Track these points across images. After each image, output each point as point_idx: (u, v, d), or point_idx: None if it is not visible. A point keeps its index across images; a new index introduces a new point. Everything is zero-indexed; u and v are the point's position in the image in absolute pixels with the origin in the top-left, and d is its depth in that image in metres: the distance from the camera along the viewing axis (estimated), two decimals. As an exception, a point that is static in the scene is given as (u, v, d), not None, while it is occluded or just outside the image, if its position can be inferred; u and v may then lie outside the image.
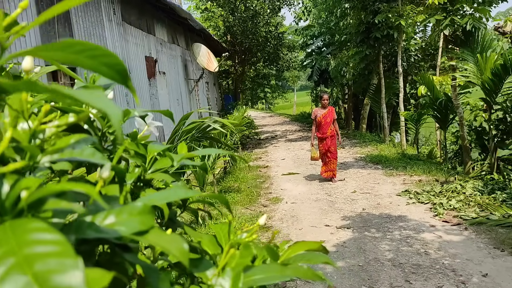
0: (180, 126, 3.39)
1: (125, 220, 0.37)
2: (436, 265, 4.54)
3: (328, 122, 8.35)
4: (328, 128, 8.36)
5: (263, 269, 0.54)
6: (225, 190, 8.59)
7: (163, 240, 0.37)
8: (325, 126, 8.36)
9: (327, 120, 8.36)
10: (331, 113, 8.42)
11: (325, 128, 8.38)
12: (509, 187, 6.73)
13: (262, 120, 26.26)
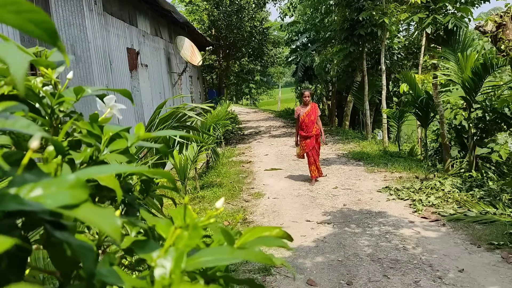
0: (156, 115, 3.34)
1: (53, 193, 0.34)
2: (413, 261, 4.59)
3: (312, 121, 7.94)
4: (313, 127, 7.96)
5: (212, 251, 0.52)
6: (208, 185, 8.54)
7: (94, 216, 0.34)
8: (309, 125, 7.95)
9: (311, 118, 7.94)
10: (314, 110, 7.99)
11: (310, 127, 7.96)
12: (487, 184, 6.84)
13: (247, 116, 26.20)
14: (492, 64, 6.80)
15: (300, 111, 8.04)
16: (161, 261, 0.46)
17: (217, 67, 20.10)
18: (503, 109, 8.79)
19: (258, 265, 4.71)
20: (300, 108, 8.10)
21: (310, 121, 7.93)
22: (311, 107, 7.95)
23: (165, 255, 0.47)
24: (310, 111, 7.92)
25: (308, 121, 7.93)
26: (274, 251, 5.14)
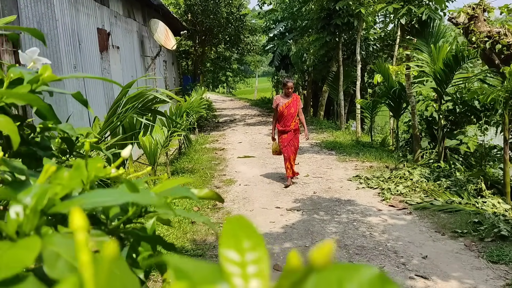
0: (122, 95, 3.23)
1: None
2: (379, 247, 4.64)
3: (291, 114, 7.02)
4: (292, 121, 7.07)
5: (98, 193, 0.45)
6: (179, 171, 8.44)
7: None
8: (288, 118, 7.05)
9: (291, 110, 7.01)
10: (296, 102, 7.06)
11: (289, 120, 7.08)
12: (454, 175, 6.98)
13: (222, 104, 26.04)
14: (463, 56, 6.91)
15: (279, 101, 7.13)
16: (22, 198, 0.40)
17: (192, 53, 19.83)
18: (473, 102, 8.96)
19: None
20: (279, 98, 7.19)
21: (289, 114, 7.03)
22: (293, 99, 7.06)
23: (27, 193, 0.41)
24: (290, 103, 7.02)
25: (287, 113, 7.02)
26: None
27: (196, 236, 5.12)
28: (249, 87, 46.86)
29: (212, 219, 5.73)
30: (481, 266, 4.10)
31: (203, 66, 22.58)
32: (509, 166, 6.09)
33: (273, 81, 24.69)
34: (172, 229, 5.22)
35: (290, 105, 7.04)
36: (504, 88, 5.51)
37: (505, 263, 4.11)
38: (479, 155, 9.12)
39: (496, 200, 5.76)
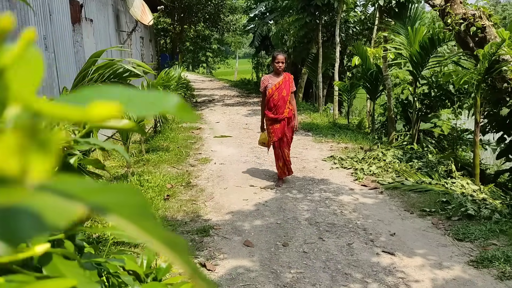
0: (89, 65, 3.12)
1: None
2: (349, 225, 4.69)
3: (283, 97, 5.79)
4: (285, 106, 5.82)
5: None
6: (154, 149, 8.34)
7: None
8: (280, 103, 5.81)
9: (282, 93, 5.77)
10: (288, 83, 5.82)
11: (281, 107, 5.82)
12: (426, 157, 7.09)
13: (202, 84, 25.76)
14: (439, 38, 6.95)
15: (268, 82, 5.87)
16: None
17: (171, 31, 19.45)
18: (448, 86, 9.08)
19: (196, 226, 4.67)
20: (268, 78, 5.92)
21: (281, 98, 5.80)
22: (284, 78, 5.81)
23: None
24: (282, 84, 5.79)
25: (279, 97, 5.79)
26: (213, 212, 5.11)
27: (168, 212, 5.08)
28: (229, 67, 46.46)
29: (186, 196, 5.70)
30: (446, 243, 4.20)
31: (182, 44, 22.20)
32: (479, 148, 6.21)
33: (253, 62, 24.49)
34: (143, 205, 5.16)
35: (281, 87, 5.77)
36: (477, 71, 5.58)
37: (470, 240, 4.21)
38: (452, 138, 9.29)
39: (465, 181, 5.88)
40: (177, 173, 6.82)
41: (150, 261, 0.71)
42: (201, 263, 3.81)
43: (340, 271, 3.69)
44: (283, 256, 4.00)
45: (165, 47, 21.04)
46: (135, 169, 6.84)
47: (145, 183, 5.98)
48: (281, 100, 5.82)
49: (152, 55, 16.68)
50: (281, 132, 5.93)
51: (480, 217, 4.66)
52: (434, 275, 3.59)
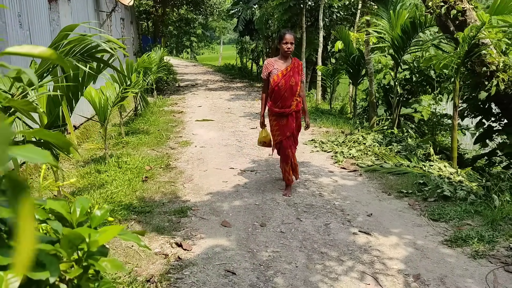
0: (60, 38, 3.01)
1: None
2: (327, 206, 4.71)
3: (292, 87, 4.72)
4: (292, 98, 4.77)
5: None
6: (134, 132, 8.23)
7: None
8: (287, 94, 4.73)
9: (290, 82, 4.70)
10: (297, 70, 4.76)
11: (288, 98, 4.75)
12: (406, 141, 7.15)
13: (185, 69, 25.49)
14: (421, 22, 6.96)
15: (272, 67, 4.75)
16: None
17: (153, 13, 19.10)
18: (429, 71, 9.13)
19: (174, 207, 4.63)
20: (273, 63, 4.79)
21: (289, 88, 4.71)
22: (293, 64, 4.74)
23: None
24: (290, 70, 4.70)
25: (286, 87, 4.71)
26: (192, 193, 5.07)
27: (146, 194, 5.02)
28: (214, 53, 46.02)
29: (164, 178, 5.65)
30: (422, 223, 4.24)
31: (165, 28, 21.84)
32: (457, 132, 6.28)
33: (238, 48, 24.25)
34: (121, 186, 5.10)
35: (289, 74, 4.70)
36: (457, 54, 5.60)
37: (445, 221, 4.27)
38: (431, 124, 9.37)
39: (443, 164, 5.94)
40: (156, 155, 6.75)
41: (84, 209, 0.67)
42: (177, 243, 3.78)
43: (316, 250, 3.70)
44: (260, 236, 3.99)
45: (147, 30, 20.66)
46: (113, 151, 6.75)
47: (123, 165, 5.90)
48: (288, 90, 4.70)
49: (134, 37, 16.37)
50: (288, 129, 4.86)
51: (455, 198, 4.72)
52: (409, 253, 3.62)
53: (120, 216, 4.25)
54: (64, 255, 0.62)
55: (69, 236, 0.61)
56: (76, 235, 0.61)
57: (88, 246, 0.62)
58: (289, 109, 4.80)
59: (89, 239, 0.61)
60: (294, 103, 4.81)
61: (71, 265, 0.61)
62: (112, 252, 3.60)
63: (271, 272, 3.35)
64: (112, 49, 3.32)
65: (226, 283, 3.19)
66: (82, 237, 0.61)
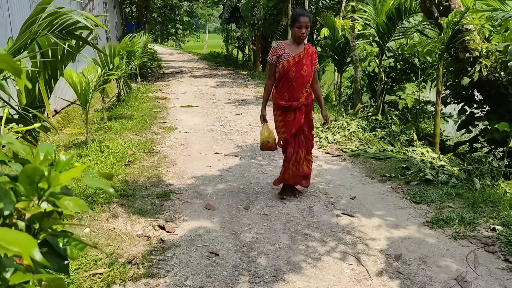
0: (37, 12, 2.93)
1: None
2: (311, 189, 4.71)
3: (303, 77, 4.06)
4: (302, 90, 4.12)
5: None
6: (117, 117, 8.11)
7: None
8: (297, 84, 4.08)
9: (302, 71, 4.04)
10: (312, 58, 4.11)
11: (297, 89, 4.10)
12: (390, 127, 7.19)
13: (170, 56, 25.20)
14: (405, 8, 6.96)
15: (283, 51, 4.06)
16: None
17: (137, -2, 18.81)
18: (413, 59, 9.18)
19: (157, 190, 4.58)
20: (284, 46, 4.10)
21: (299, 77, 4.06)
22: (307, 51, 4.07)
23: None
24: (303, 57, 4.03)
25: (296, 76, 4.05)
26: (175, 177, 5.03)
27: (128, 177, 4.96)
28: (199, 41, 45.58)
29: (147, 163, 5.58)
30: (404, 206, 4.28)
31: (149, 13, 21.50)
32: (439, 118, 6.33)
33: (223, 36, 24.02)
34: (103, 170, 5.02)
35: (301, 62, 4.03)
36: (441, 40, 5.62)
37: (427, 203, 4.31)
38: (415, 111, 9.44)
39: (425, 149, 6.00)
40: (139, 140, 6.67)
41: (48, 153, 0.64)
42: (160, 225, 3.75)
43: (299, 232, 3.71)
44: (244, 218, 3.98)
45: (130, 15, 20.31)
46: (96, 136, 6.64)
47: (105, 149, 5.82)
48: (298, 80, 4.05)
49: (117, 22, 16.09)
50: (295, 125, 4.21)
51: (437, 182, 4.77)
52: (390, 234, 3.65)
53: (101, 199, 4.19)
54: (22, 190, 0.58)
55: (27, 170, 0.57)
56: (35, 169, 0.57)
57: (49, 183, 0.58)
58: (298, 102, 4.12)
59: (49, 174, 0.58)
60: (304, 95, 4.13)
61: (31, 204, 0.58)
62: (93, 234, 3.55)
63: (254, 253, 3.35)
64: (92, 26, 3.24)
65: (209, 264, 3.18)
66: (41, 172, 0.58)
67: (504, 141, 6.02)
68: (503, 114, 6.01)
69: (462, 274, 3.04)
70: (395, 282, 2.95)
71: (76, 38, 3.34)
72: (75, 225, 3.67)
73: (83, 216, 3.85)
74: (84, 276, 2.90)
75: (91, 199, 4.15)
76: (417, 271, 3.08)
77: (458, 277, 3.00)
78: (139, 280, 2.94)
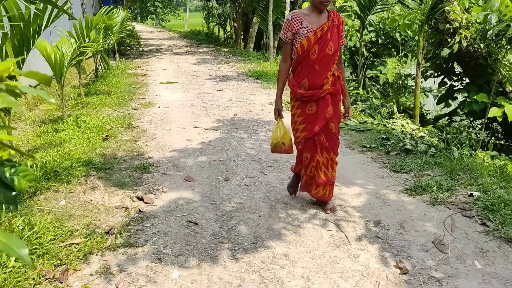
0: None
1: None
2: (292, 161, 4.68)
3: (329, 57, 3.12)
4: (327, 72, 3.15)
5: None
6: (93, 93, 7.92)
7: None
8: (320, 67, 3.13)
9: (327, 49, 3.10)
10: (338, 29, 3.16)
11: (322, 74, 3.15)
12: (371, 100, 7.19)
13: (150, 34, 24.71)
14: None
15: (300, 24, 3.11)
16: None
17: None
18: (394, 34, 9.16)
19: (136, 163, 4.50)
20: (300, 17, 3.13)
21: (324, 58, 3.10)
22: (331, 21, 3.11)
23: None
24: (328, 30, 3.09)
25: (319, 56, 3.10)
26: (154, 151, 4.95)
27: (106, 151, 4.86)
28: (180, 19, 44.75)
29: (126, 137, 5.48)
30: (384, 175, 4.30)
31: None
32: (419, 91, 6.35)
33: (204, 13, 23.59)
34: (80, 144, 4.91)
35: (326, 36, 3.08)
36: (421, 10, 5.59)
37: (406, 172, 4.34)
38: (396, 86, 9.48)
39: (406, 121, 6.03)
40: (118, 115, 6.54)
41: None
42: (138, 197, 3.69)
43: (280, 201, 3.69)
44: (224, 189, 3.95)
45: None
46: (72, 112, 6.48)
47: (82, 124, 5.68)
48: (323, 61, 3.07)
49: None
50: (319, 121, 3.19)
51: (416, 151, 4.80)
52: (370, 201, 3.67)
53: (78, 172, 4.10)
54: None
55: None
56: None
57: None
58: (321, 90, 3.11)
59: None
60: (329, 81, 3.12)
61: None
62: (69, 206, 3.48)
63: (234, 221, 3.33)
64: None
65: (188, 233, 3.14)
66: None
67: (483, 113, 6.09)
68: (482, 85, 6.06)
69: (439, 237, 3.08)
70: (373, 246, 2.97)
71: (45, 2, 3.19)
72: (26, 154, 3.58)
73: (60, 188, 3.76)
74: (59, 247, 2.83)
75: (67, 172, 4.05)
76: (395, 235, 3.10)
77: (435, 240, 3.04)
78: (117, 250, 2.89)
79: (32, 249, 2.70)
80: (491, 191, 3.69)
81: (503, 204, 3.40)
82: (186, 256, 2.84)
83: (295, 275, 2.66)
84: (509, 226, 3.13)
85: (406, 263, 2.77)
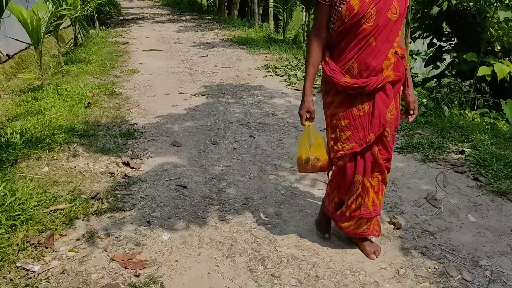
0: None
1: None
2: (280, 123, 4.61)
3: (391, 24, 1.94)
4: (388, 50, 1.98)
5: None
6: (73, 61, 7.65)
7: None
8: (378, 41, 1.95)
9: (390, 13, 1.92)
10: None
11: (381, 52, 1.97)
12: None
13: (130, 3, 23.92)
14: None
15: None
16: None
17: None
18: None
19: (120, 130, 4.37)
20: None
21: (384, 27, 1.94)
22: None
23: None
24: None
25: (377, 23, 1.92)
26: (139, 117, 4.82)
27: (89, 118, 4.71)
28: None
29: (109, 104, 5.31)
30: (374, 135, 4.23)
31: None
32: (408, 52, 6.23)
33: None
34: (61, 112, 4.73)
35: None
36: (410, -33, 5.42)
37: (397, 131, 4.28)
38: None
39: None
40: (100, 83, 6.33)
41: None
42: (124, 162, 3.58)
43: (269, 163, 3.62)
44: (213, 153, 3.85)
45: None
46: (52, 80, 6.24)
47: (63, 92, 5.48)
48: (383, 32, 1.97)
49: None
50: (374, 126, 2.10)
51: (407, 111, 4.73)
52: (362, 160, 3.61)
53: (60, 139, 3.96)
54: None
55: None
56: None
57: None
58: (380, 77, 2.02)
59: None
60: (391, 63, 2.03)
61: None
62: (52, 173, 3.35)
63: (223, 184, 3.25)
64: None
65: (177, 196, 3.06)
66: None
67: (471, 73, 6.03)
68: (471, 45, 5.98)
69: (432, 193, 3.05)
70: (366, 204, 2.92)
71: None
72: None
73: (41, 155, 3.62)
74: (44, 213, 2.73)
75: (49, 139, 3.90)
76: (388, 192, 3.06)
77: (428, 196, 3.01)
78: (104, 214, 2.80)
79: (15, 215, 2.59)
80: (482, 147, 3.66)
81: (495, 159, 3.38)
82: (176, 219, 2.76)
83: (287, 233, 2.61)
84: (502, 180, 3.12)
85: (399, 219, 2.73)
